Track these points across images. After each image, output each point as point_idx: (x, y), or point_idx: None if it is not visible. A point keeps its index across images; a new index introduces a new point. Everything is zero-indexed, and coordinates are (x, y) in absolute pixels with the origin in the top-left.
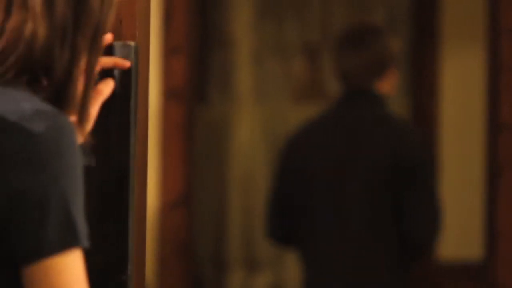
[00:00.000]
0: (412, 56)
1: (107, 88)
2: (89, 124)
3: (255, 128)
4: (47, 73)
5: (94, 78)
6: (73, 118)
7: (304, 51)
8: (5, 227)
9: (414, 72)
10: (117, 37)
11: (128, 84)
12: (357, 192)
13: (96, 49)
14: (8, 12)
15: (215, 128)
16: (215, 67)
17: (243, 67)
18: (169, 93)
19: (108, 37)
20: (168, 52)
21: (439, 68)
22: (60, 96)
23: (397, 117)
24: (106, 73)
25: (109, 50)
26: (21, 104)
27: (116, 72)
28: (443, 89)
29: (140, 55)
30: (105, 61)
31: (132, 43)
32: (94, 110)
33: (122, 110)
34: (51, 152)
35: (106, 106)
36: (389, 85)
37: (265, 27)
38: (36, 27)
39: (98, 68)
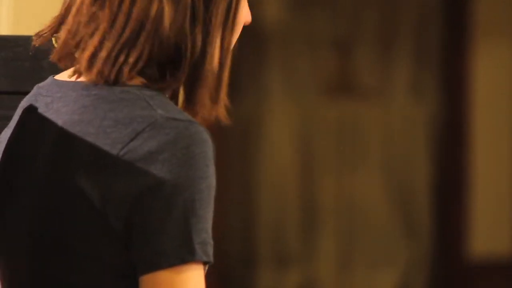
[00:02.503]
0: (443, 54)
1: None
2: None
3: (286, 124)
4: (178, 58)
5: (230, 57)
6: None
7: (335, 45)
8: (130, 234)
9: (445, 71)
10: None
11: None
12: None
13: (231, 25)
14: None
15: (245, 124)
16: (244, 63)
17: (273, 61)
18: None
19: (246, 15)
20: None
21: (471, 67)
22: (195, 76)
23: None
24: None
25: None
26: (152, 110)
27: None
28: (475, 88)
29: None
30: None
31: None
32: None
33: None
34: (179, 161)
35: None
36: None
37: (295, 20)
38: (162, 5)
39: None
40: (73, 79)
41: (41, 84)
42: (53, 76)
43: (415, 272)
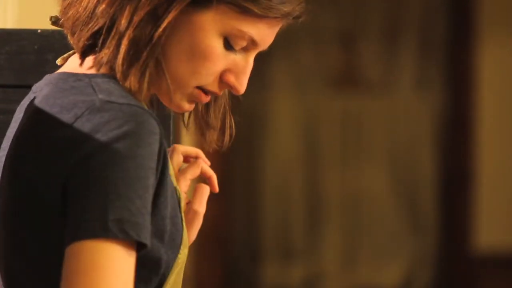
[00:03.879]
0: (449, 48)
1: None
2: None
3: (291, 117)
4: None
5: (154, 46)
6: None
7: (340, 38)
8: (66, 212)
9: (450, 64)
10: None
11: None
12: None
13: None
14: None
15: (250, 116)
16: None
17: (279, 54)
18: None
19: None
20: None
21: (477, 60)
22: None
23: None
24: None
25: None
26: (94, 96)
27: None
28: (481, 81)
29: None
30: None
31: None
32: (184, 185)
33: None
34: (109, 140)
35: None
36: None
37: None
38: None
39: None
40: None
41: (38, 83)
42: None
43: (420, 265)
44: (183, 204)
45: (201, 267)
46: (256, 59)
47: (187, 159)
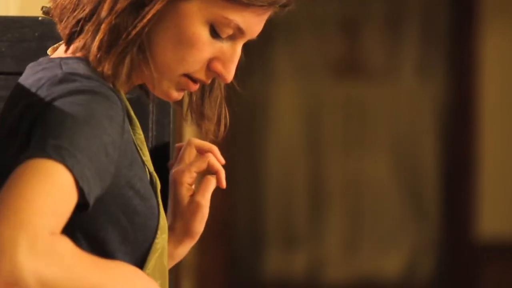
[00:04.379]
0: (451, 34)
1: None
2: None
3: (293, 104)
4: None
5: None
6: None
7: (343, 25)
8: None
9: (453, 51)
10: None
11: None
12: None
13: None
14: None
15: (252, 104)
16: (252, 43)
17: (281, 42)
18: None
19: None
20: None
21: (479, 46)
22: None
23: None
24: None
25: None
26: (59, 70)
27: None
28: (483, 67)
29: None
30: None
31: None
32: (189, 177)
33: None
34: (64, 93)
35: None
36: None
37: (303, 1)
38: None
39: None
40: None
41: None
42: None
43: (423, 252)
44: (168, 191)
45: (204, 254)
46: (259, 47)
47: (200, 152)
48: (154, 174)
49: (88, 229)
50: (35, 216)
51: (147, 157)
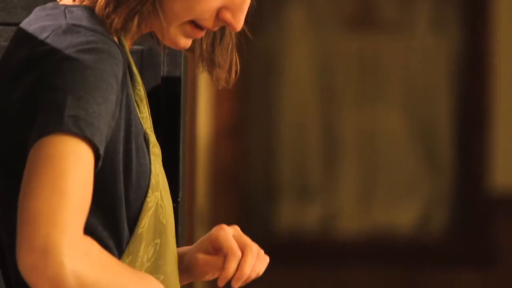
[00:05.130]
0: None
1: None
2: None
3: (307, 57)
4: None
5: None
6: None
7: None
8: None
9: (467, 3)
10: None
11: None
12: None
13: None
14: None
15: (266, 57)
16: None
17: None
18: None
19: None
20: None
21: (495, 0)
22: None
23: None
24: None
25: None
26: (63, 20)
27: None
28: (498, 20)
29: None
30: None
31: None
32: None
33: None
34: (69, 53)
35: None
36: None
37: None
38: None
39: None
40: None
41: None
42: None
43: (436, 204)
44: (153, 148)
45: (218, 205)
46: (272, 1)
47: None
48: (148, 131)
49: None
50: (75, 216)
51: (143, 114)
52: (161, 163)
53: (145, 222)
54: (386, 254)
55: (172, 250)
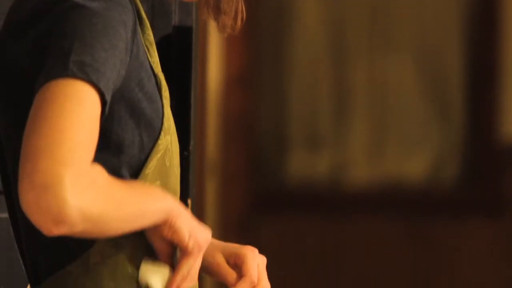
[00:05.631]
0: None
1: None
2: None
3: (318, 6)
4: None
5: None
6: None
7: None
8: None
9: None
10: None
11: None
12: None
13: None
14: None
15: (278, 7)
16: None
17: None
18: None
19: None
20: None
21: None
22: None
23: None
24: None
25: None
26: None
27: None
28: None
29: None
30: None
31: None
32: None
33: None
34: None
35: None
36: None
37: None
38: None
39: None
40: None
41: None
42: None
43: (447, 154)
44: (165, 93)
45: (228, 155)
46: None
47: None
48: (159, 75)
49: None
50: (76, 150)
51: (154, 58)
52: (169, 108)
53: (153, 164)
54: (396, 204)
55: (173, 192)
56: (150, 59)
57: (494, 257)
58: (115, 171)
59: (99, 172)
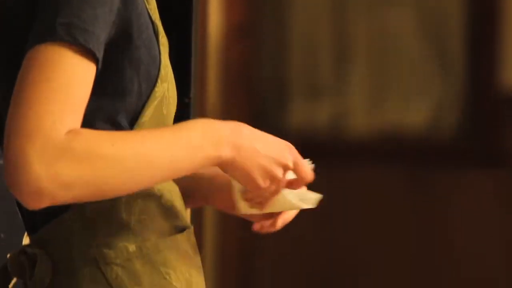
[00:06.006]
0: None
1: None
2: None
3: None
4: None
5: None
6: None
7: None
8: None
9: None
10: None
11: None
12: None
13: None
14: None
15: None
16: None
17: None
18: None
19: None
20: None
21: None
22: None
23: None
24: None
25: None
26: None
27: None
28: None
29: None
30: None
31: None
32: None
33: None
34: None
35: None
36: None
37: None
38: None
39: None
40: None
41: None
42: None
43: (448, 104)
44: (162, 39)
45: (229, 104)
46: None
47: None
48: (157, 23)
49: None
50: (46, 118)
51: (151, 5)
52: (167, 55)
53: (150, 112)
54: (395, 153)
55: None
56: (147, 6)
57: (493, 207)
58: (111, 118)
59: (81, 135)
